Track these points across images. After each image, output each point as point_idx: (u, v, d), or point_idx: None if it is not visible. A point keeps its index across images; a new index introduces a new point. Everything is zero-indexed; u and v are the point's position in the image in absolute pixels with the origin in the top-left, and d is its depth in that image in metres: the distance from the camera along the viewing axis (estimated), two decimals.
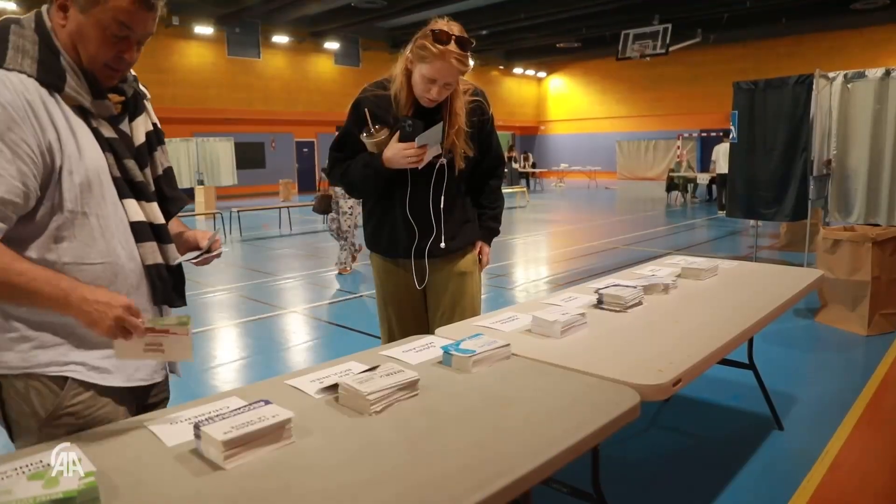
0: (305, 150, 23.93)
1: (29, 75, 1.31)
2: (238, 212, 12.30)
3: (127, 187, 1.45)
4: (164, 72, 19.34)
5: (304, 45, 22.81)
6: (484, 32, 22.88)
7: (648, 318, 2.30)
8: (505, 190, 18.85)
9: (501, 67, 29.96)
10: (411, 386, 1.57)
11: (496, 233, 2.67)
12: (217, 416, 1.31)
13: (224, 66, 21.21)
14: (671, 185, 17.57)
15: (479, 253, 2.60)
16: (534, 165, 25.17)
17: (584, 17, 20.62)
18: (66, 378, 1.39)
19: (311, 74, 23.67)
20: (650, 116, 28.18)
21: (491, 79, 30.27)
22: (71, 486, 1.02)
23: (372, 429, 1.41)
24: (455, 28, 2.19)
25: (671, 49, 18.93)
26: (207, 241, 1.64)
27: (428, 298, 2.57)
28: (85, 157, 1.37)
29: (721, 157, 13.06)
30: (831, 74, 6.86)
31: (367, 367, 1.62)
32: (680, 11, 19.12)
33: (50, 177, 1.34)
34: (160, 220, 1.52)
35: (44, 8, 1.40)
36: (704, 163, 23.05)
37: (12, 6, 16.61)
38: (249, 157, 21.96)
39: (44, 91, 1.32)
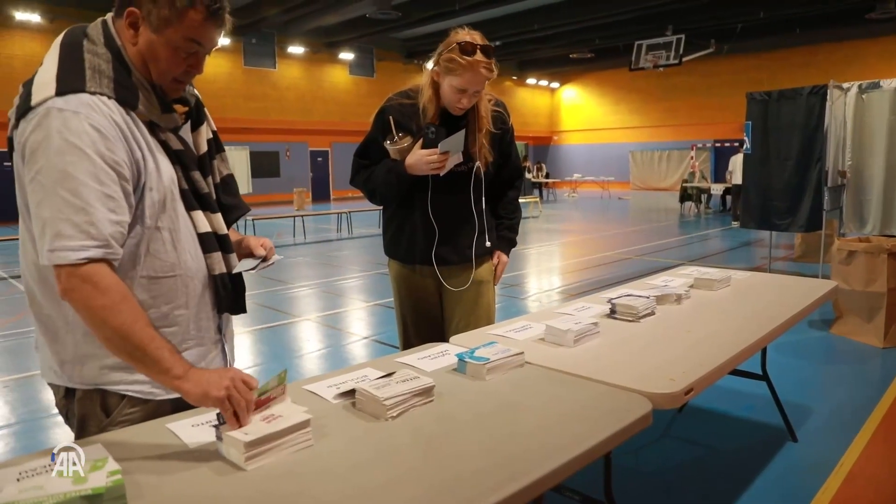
0: (320, 159, 24.09)
1: (109, 97, 1.32)
2: (253, 220, 12.40)
3: (194, 199, 1.48)
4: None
5: (319, 56, 23.02)
6: (497, 43, 22.95)
7: (661, 328, 2.31)
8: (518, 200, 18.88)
9: (515, 78, 30.05)
10: (427, 392, 1.59)
11: (513, 244, 2.69)
12: None
13: (240, 76, 21.45)
14: (685, 196, 17.52)
15: (497, 263, 2.63)
16: (547, 176, 25.20)
17: (597, 27, 20.68)
18: (125, 395, 1.45)
19: (326, 84, 23.87)
20: (663, 127, 28.14)
21: (504, 89, 30.34)
22: (99, 483, 1.05)
23: (388, 433, 1.43)
24: (477, 37, 2.26)
25: (684, 59, 18.92)
26: (263, 250, 1.67)
27: (444, 306, 2.60)
28: (162, 172, 1.41)
29: (737, 167, 13.02)
30: (845, 85, 6.85)
31: (383, 374, 1.65)
32: (693, 22, 19.12)
33: (135, 193, 1.37)
34: (224, 230, 1.55)
35: (109, 17, 1.41)
36: (718, 173, 22.99)
37: (36, 18, 16.91)
38: (264, 165, 22.16)
39: (122, 110, 1.34)
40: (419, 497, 1.17)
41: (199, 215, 1.49)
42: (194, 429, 1.42)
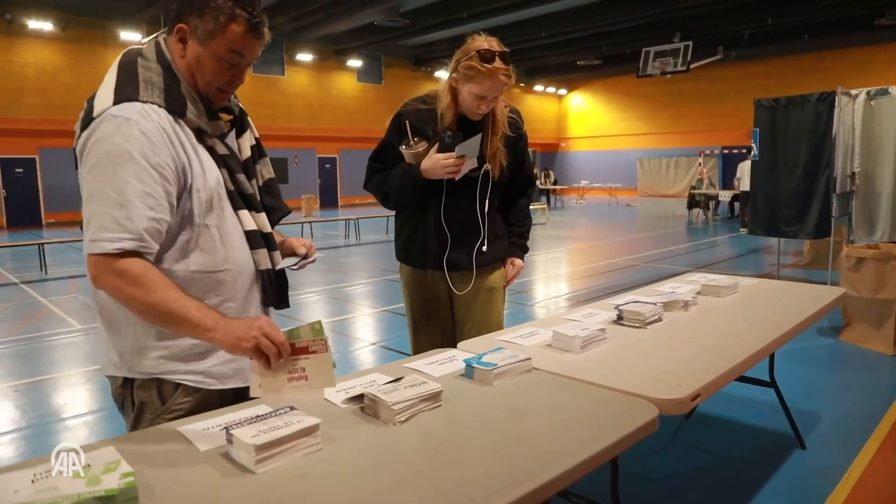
0: (328, 165, 24.19)
1: (159, 106, 1.46)
2: None
3: (240, 199, 1.61)
4: None
5: (327, 63, 23.15)
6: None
7: (668, 334, 2.31)
8: None
9: (522, 85, 30.13)
10: (434, 397, 1.60)
11: (525, 249, 2.70)
12: (246, 421, 1.36)
13: (249, 83, 21.56)
14: (692, 203, 17.48)
15: (511, 266, 2.64)
16: (554, 182, 25.19)
17: (605, 34, 20.73)
18: (180, 384, 1.56)
19: (334, 91, 23.99)
20: (671, 133, 28.11)
21: (512, 96, 30.37)
22: (112, 485, 1.07)
23: (396, 437, 1.45)
24: (495, 44, 2.28)
25: (692, 66, 18.94)
26: (304, 248, 1.83)
27: (456, 312, 2.61)
28: (208, 174, 1.53)
29: (745, 174, 12.99)
30: (854, 92, 6.83)
31: (391, 379, 1.66)
32: (701, 28, 19.13)
33: (182, 194, 1.49)
34: (268, 228, 1.68)
35: (161, 37, 1.56)
36: (727, 180, 22.92)
37: (49, 26, 17.08)
38: (273, 172, 22.24)
39: (171, 118, 1.47)
40: (426, 500, 1.18)
41: (245, 214, 1.61)
42: (205, 432, 1.43)
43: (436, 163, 2.32)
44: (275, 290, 1.68)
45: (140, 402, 1.56)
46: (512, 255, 2.65)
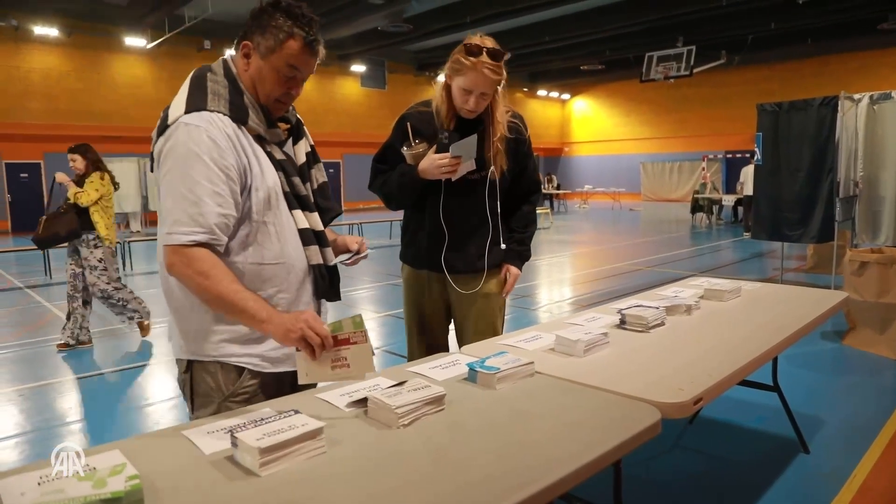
0: (331, 170, 24.23)
1: (224, 114, 1.63)
2: None
3: (294, 200, 1.76)
4: None
5: (330, 68, 23.20)
6: (508, 55, 23.06)
7: (670, 338, 2.32)
8: None
9: (525, 90, 30.16)
10: (438, 401, 1.61)
11: (525, 257, 2.66)
12: (250, 424, 1.37)
13: None
14: (696, 207, 17.47)
15: (507, 274, 2.61)
16: (558, 187, 25.20)
17: (608, 39, 20.74)
18: (243, 367, 1.71)
19: (338, 96, 24.04)
20: (675, 138, 28.11)
21: (515, 101, 30.36)
22: (118, 488, 1.08)
23: (399, 441, 1.45)
24: (488, 41, 2.30)
25: (695, 71, 18.93)
26: (356, 245, 2.01)
27: (453, 314, 2.62)
28: (266, 175, 1.69)
29: (749, 178, 12.98)
30: (857, 96, 6.83)
31: (395, 383, 1.67)
32: (704, 33, 19.14)
33: (242, 193, 1.65)
34: (320, 227, 1.83)
35: (228, 55, 1.76)
36: (730, 184, 22.91)
37: (55, 32, 17.17)
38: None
39: (234, 125, 1.65)
40: (429, 502, 1.18)
41: (298, 214, 1.77)
42: (210, 436, 1.45)
43: (432, 163, 2.34)
44: (326, 283, 1.83)
45: (205, 387, 1.72)
46: (508, 262, 2.61)
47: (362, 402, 1.63)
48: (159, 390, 4.52)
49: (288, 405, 1.56)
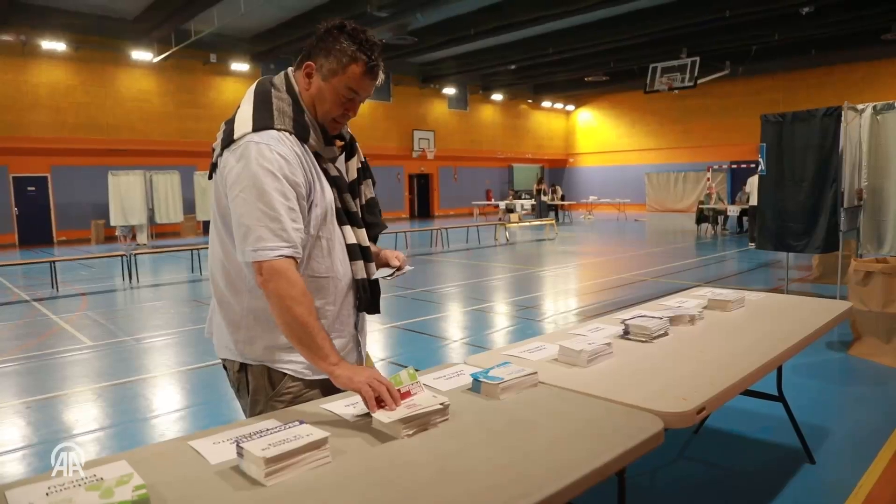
0: None
1: (290, 132, 1.70)
2: None
3: (345, 216, 1.82)
4: (202, 107, 19.92)
5: None
6: (512, 67, 23.17)
7: (674, 348, 2.32)
8: (534, 223, 18.49)
9: (530, 101, 30.28)
10: (442, 411, 1.62)
11: None
12: (256, 434, 1.38)
13: None
14: (701, 217, 17.45)
15: None
16: (563, 198, 25.20)
17: (612, 51, 20.83)
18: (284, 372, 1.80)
19: None
20: (679, 148, 28.13)
21: (519, 112, 30.53)
22: (125, 497, 1.10)
23: (404, 450, 1.46)
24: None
25: (699, 81, 18.99)
26: (398, 262, 2.07)
27: None
28: (325, 192, 1.77)
29: (754, 189, 12.96)
30: (860, 106, 6.84)
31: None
32: (708, 44, 19.21)
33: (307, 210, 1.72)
34: (366, 242, 1.88)
35: (289, 70, 1.79)
36: (735, 195, 22.87)
37: (62, 46, 17.34)
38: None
39: (298, 142, 1.71)
40: None
41: (348, 229, 1.83)
42: (215, 446, 1.46)
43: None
44: (368, 297, 1.87)
45: (255, 387, 1.81)
46: None
47: (367, 412, 1.63)
48: (165, 401, 4.53)
49: (293, 416, 1.57)
